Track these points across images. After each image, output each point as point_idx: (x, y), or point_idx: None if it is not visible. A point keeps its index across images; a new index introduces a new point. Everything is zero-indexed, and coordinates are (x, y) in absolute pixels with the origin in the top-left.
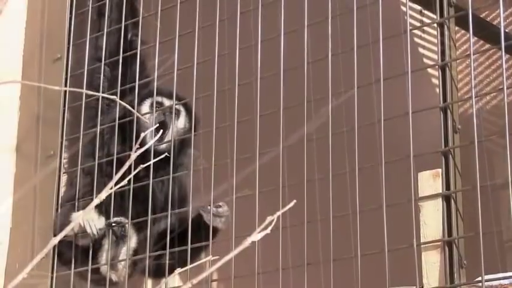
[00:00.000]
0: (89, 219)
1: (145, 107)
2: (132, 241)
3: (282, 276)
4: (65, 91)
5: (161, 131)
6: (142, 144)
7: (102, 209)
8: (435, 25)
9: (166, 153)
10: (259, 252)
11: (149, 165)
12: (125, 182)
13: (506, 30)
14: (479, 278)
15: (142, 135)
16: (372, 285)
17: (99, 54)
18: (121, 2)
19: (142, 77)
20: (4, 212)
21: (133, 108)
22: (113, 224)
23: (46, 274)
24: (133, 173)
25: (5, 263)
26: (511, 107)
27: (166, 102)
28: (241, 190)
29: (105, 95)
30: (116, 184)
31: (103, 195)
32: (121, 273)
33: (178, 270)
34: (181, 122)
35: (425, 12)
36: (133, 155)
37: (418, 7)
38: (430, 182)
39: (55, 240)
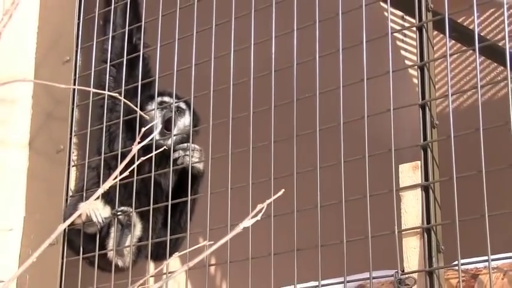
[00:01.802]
0: (94, 209)
1: (152, 106)
2: (137, 229)
3: (274, 261)
4: (74, 90)
5: (160, 126)
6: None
7: (108, 199)
8: (414, 29)
9: (165, 147)
10: (253, 239)
11: (154, 160)
12: (127, 173)
13: (482, 34)
14: (456, 262)
15: (143, 129)
16: (357, 269)
17: (106, 57)
18: (125, 8)
19: (147, 77)
20: (18, 202)
21: (138, 106)
22: (118, 213)
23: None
24: (135, 165)
25: (18, 249)
26: (488, 104)
27: (170, 102)
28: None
29: (110, 93)
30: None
31: (106, 185)
32: (126, 259)
33: (174, 255)
34: (186, 120)
35: (407, 18)
36: (135, 148)
37: (401, 13)
38: (410, 173)
39: (62, 227)
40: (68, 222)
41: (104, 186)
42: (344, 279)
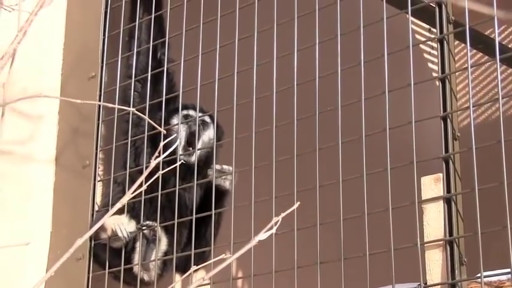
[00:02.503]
0: (119, 224)
1: (176, 120)
2: (162, 243)
3: (298, 274)
4: (99, 106)
5: (183, 143)
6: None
7: (134, 213)
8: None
9: (184, 161)
10: (278, 252)
11: (180, 175)
12: (145, 187)
13: (510, 46)
14: (479, 274)
15: (161, 144)
16: (380, 281)
17: (131, 72)
18: (150, 24)
19: (172, 92)
20: (44, 217)
21: (163, 121)
22: (143, 228)
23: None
24: (154, 177)
25: (45, 264)
26: None
27: (195, 115)
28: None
29: (134, 110)
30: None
31: (125, 198)
32: (152, 274)
33: (194, 268)
34: (211, 133)
35: (434, 30)
36: (153, 163)
37: (427, 26)
38: (432, 185)
39: (80, 241)
40: (87, 236)
41: (122, 200)
42: None
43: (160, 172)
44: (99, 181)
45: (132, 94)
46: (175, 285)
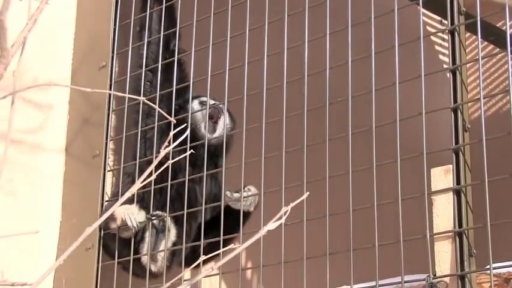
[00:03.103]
0: (129, 213)
1: (194, 105)
2: (172, 234)
3: (306, 265)
4: (109, 96)
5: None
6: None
7: (144, 204)
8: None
9: (192, 150)
10: (288, 243)
11: (193, 164)
12: (154, 176)
13: None
14: (488, 266)
15: (171, 133)
16: (389, 273)
17: (142, 62)
18: (161, 14)
19: (184, 82)
20: (54, 207)
21: (179, 108)
22: (153, 218)
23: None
24: (161, 169)
25: (55, 254)
26: None
27: (211, 102)
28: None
29: (145, 99)
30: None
31: (135, 187)
32: (160, 265)
33: (203, 257)
34: (226, 120)
35: (445, 22)
36: (162, 152)
37: (439, 18)
38: (441, 177)
39: (89, 230)
40: (96, 224)
41: (132, 189)
42: (376, 284)
43: (170, 161)
44: (109, 171)
45: (143, 84)
46: (184, 275)
